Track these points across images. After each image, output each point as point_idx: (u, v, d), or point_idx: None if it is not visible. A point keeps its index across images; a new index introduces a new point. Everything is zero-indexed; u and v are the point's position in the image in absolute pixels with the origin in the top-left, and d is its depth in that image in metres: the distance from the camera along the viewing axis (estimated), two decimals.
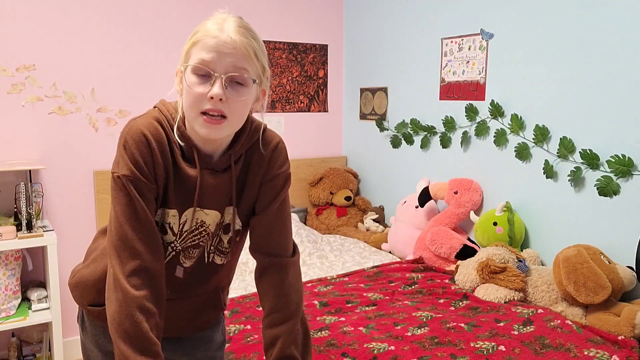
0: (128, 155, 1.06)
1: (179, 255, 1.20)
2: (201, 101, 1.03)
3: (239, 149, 1.16)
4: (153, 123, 1.09)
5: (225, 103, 1.03)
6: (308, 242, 2.96)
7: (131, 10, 2.93)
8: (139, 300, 1.04)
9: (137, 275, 1.06)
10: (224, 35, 1.02)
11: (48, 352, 2.76)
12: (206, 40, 1.03)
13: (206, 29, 1.04)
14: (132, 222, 1.06)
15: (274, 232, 1.22)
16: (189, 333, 1.32)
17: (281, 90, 3.50)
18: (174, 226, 1.16)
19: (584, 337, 1.80)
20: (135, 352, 1.02)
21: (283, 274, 1.20)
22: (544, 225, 2.47)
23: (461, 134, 2.83)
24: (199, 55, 1.03)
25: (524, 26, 2.49)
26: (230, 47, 1.02)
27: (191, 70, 1.04)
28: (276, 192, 1.21)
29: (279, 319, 1.17)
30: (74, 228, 2.90)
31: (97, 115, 2.91)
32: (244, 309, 2.10)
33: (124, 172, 1.06)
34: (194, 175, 1.12)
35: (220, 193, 1.16)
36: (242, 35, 1.04)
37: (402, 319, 1.99)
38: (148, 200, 1.08)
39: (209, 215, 1.18)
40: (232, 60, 1.03)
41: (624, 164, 2.09)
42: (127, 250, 1.06)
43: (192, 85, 1.03)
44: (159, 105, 1.15)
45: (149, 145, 1.07)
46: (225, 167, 1.15)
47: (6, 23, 2.63)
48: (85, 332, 1.31)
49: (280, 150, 1.22)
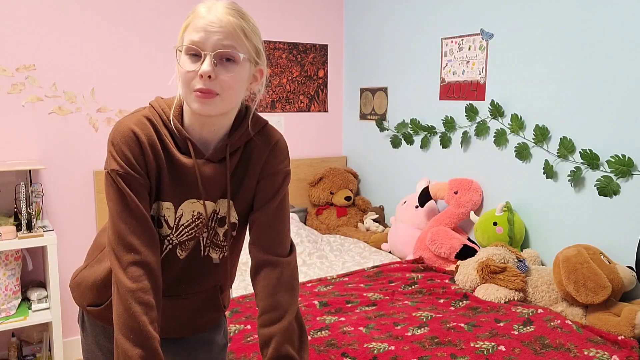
0: (117, 151, 1.08)
1: (176, 249, 1.20)
2: (192, 79, 1.05)
3: (237, 140, 1.17)
4: (141, 119, 1.11)
5: (215, 80, 1.05)
6: (308, 242, 2.96)
7: (131, 10, 2.93)
8: (136, 292, 1.05)
9: (133, 268, 1.07)
10: (212, 15, 1.05)
11: (48, 352, 2.76)
12: (195, 22, 1.06)
13: (196, 12, 1.08)
14: (125, 217, 1.08)
15: (272, 230, 1.21)
16: (189, 333, 1.32)
17: (281, 90, 3.50)
18: (169, 219, 1.17)
19: (584, 337, 1.80)
20: (133, 345, 1.03)
21: (278, 273, 1.20)
22: (544, 225, 2.47)
23: (461, 134, 2.83)
24: (189, 36, 1.06)
25: (524, 26, 2.49)
26: (217, 26, 1.05)
27: (184, 52, 1.07)
28: (275, 188, 1.21)
29: (272, 318, 1.17)
30: (74, 228, 2.90)
31: (97, 115, 2.91)
32: (244, 309, 2.10)
33: (114, 167, 1.08)
34: (190, 166, 1.13)
35: (215, 184, 1.17)
36: (229, 15, 1.06)
37: (402, 319, 1.99)
38: (140, 194, 1.09)
39: (206, 207, 1.19)
40: (220, 38, 1.05)
41: (624, 164, 2.09)
42: (122, 245, 1.07)
43: (184, 65, 1.06)
44: (152, 102, 1.17)
45: (137, 139, 1.09)
46: (221, 157, 1.16)
47: (6, 23, 2.63)
48: (85, 333, 1.31)
49: (280, 146, 1.23)
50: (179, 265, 1.22)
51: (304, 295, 2.24)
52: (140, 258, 1.07)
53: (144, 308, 1.05)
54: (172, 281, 1.22)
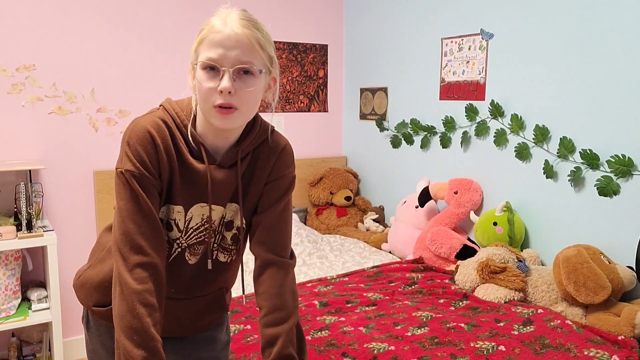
0: (132, 151, 1.08)
1: (185, 252, 1.21)
2: (212, 95, 1.06)
3: (247, 146, 1.18)
4: (157, 121, 1.11)
5: (235, 95, 1.06)
6: (308, 242, 2.96)
7: (131, 10, 2.93)
8: (142, 294, 1.05)
9: (139, 270, 1.06)
10: (228, 30, 1.05)
11: (48, 352, 2.76)
12: (212, 37, 1.06)
13: (211, 26, 1.07)
14: (135, 217, 1.08)
15: (276, 232, 1.23)
16: (192, 333, 1.33)
17: (281, 90, 3.49)
18: (179, 222, 1.18)
19: (584, 337, 1.80)
20: (135, 346, 1.03)
21: (284, 273, 1.21)
22: (544, 225, 2.47)
23: (461, 134, 2.83)
24: (206, 52, 1.06)
25: (524, 26, 2.49)
26: (234, 41, 1.05)
27: (200, 67, 1.07)
28: (281, 193, 1.23)
29: (278, 318, 1.17)
30: (74, 228, 2.90)
31: (97, 115, 2.91)
32: (244, 309, 2.10)
33: (128, 167, 1.08)
34: (202, 171, 1.14)
35: (225, 188, 1.18)
36: (245, 28, 1.06)
37: (402, 319, 1.99)
38: (152, 195, 1.10)
39: (215, 211, 1.20)
40: (238, 53, 1.05)
41: (624, 164, 2.09)
42: (130, 245, 1.07)
43: (202, 81, 1.06)
44: (165, 104, 1.17)
45: (153, 141, 1.09)
46: (231, 163, 1.18)
47: (6, 23, 2.63)
48: (90, 333, 1.31)
49: (287, 152, 1.25)
50: (190, 269, 1.23)
51: (304, 295, 2.24)
52: (147, 260, 1.08)
53: (149, 310, 1.05)
54: (182, 284, 1.23)
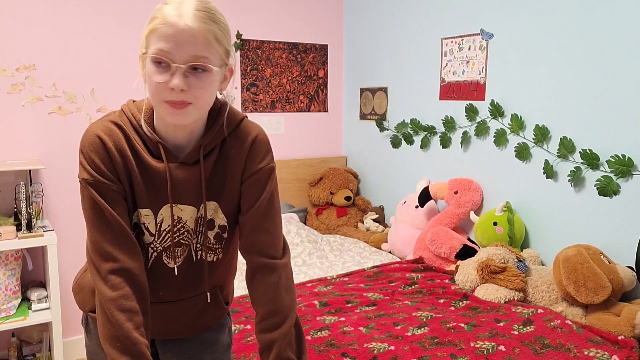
0: (85, 158, 1.07)
1: (162, 255, 1.18)
2: (163, 90, 1.00)
3: (211, 141, 1.13)
4: (107, 124, 1.09)
5: (187, 92, 1.00)
6: (308, 242, 2.96)
7: (131, 10, 2.93)
8: (117, 300, 1.04)
9: (112, 276, 1.05)
10: (182, 24, 0.98)
11: (48, 352, 2.76)
12: (163, 29, 0.98)
13: (164, 15, 0.99)
14: (99, 225, 1.06)
15: (263, 231, 1.17)
16: (193, 334, 1.31)
17: (281, 90, 3.49)
18: (149, 226, 1.14)
19: (584, 337, 1.80)
20: (120, 353, 1.02)
21: (275, 277, 1.16)
22: (544, 225, 2.47)
23: (461, 134, 2.83)
24: (157, 44, 0.99)
25: (524, 26, 2.49)
26: (188, 36, 0.98)
27: (150, 60, 1.01)
28: (261, 188, 1.16)
29: (273, 324, 1.14)
30: (74, 228, 2.90)
31: (97, 115, 2.90)
32: (244, 309, 2.10)
33: (84, 175, 1.07)
34: (162, 170, 1.10)
35: (193, 187, 1.13)
36: (200, 21, 0.99)
37: (402, 319, 1.99)
38: (113, 201, 1.08)
39: (184, 211, 1.16)
40: (191, 49, 0.99)
41: (624, 164, 2.09)
42: (99, 254, 1.06)
43: (152, 75, 1.01)
44: (123, 106, 1.14)
45: (104, 145, 1.07)
46: (195, 160, 1.12)
47: (6, 23, 2.63)
48: (89, 336, 1.31)
49: (259, 143, 1.17)
50: (173, 271, 1.19)
51: (304, 295, 2.24)
52: (118, 265, 1.06)
53: (127, 315, 1.04)
54: (169, 287, 1.21)
